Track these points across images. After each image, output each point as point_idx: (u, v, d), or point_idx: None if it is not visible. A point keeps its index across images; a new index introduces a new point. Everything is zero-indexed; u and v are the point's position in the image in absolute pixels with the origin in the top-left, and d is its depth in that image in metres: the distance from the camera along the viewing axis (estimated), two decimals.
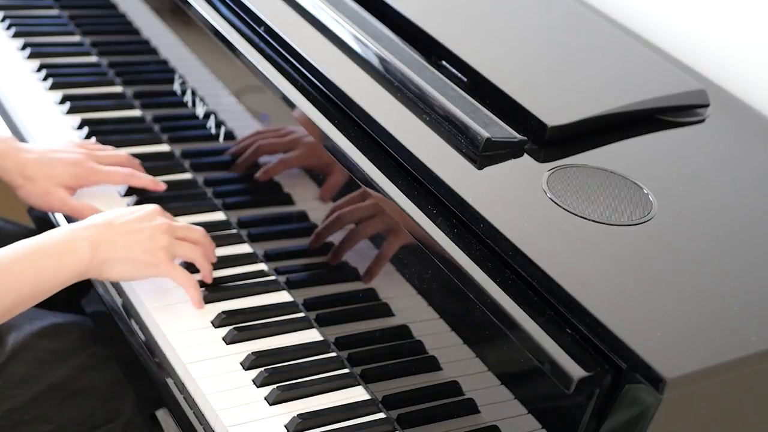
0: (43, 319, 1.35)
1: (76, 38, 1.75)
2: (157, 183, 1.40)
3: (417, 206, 1.06)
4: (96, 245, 1.16)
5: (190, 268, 1.26)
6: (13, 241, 1.52)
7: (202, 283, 1.27)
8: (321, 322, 1.25)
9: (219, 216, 1.40)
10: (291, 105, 1.22)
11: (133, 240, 1.18)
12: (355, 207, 1.17)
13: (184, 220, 1.37)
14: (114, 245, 1.17)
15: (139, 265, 1.19)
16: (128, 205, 1.38)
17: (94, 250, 1.15)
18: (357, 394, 1.17)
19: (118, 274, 1.19)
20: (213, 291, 1.26)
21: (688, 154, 1.21)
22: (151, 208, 1.24)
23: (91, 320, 1.40)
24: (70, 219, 1.38)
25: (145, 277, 1.22)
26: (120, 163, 1.42)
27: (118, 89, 1.64)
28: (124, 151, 1.45)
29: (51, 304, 1.45)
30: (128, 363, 1.32)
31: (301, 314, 1.26)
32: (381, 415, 1.15)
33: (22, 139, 1.54)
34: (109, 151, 1.44)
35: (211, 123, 1.43)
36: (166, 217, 1.25)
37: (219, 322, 1.23)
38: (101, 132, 1.52)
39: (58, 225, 1.40)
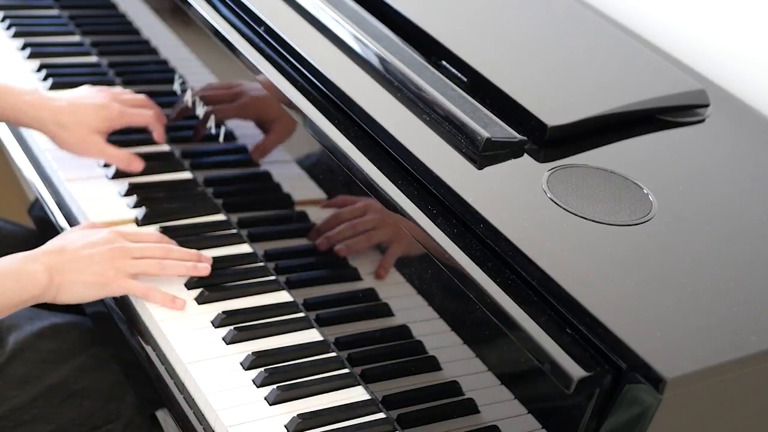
0: (43, 320, 1.35)
1: (76, 38, 1.75)
2: (163, 136, 1.48)
3: (417, 206, 1.06)
4: (51, 270, 1.19)
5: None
6: (14, 242, 1.54)
7: (203, 283, 1.27)
8: (321, 322, 1.25)
9: (219, 216, 1.40)
10: (291, 105, 1.22)
11: (85, 264, 1.21)
12: (360, 216, 1.18)
13: (184, 221, 1.37)
14: (67, 270, 1.20)
15: (91, 286, 1.21)
16: (128, 206, 1.38)
17: (50, 275, 1.18)
18: (357, 394, 1.17)
19: (71, 296, 1.21)
20: (213, 291, 1.26)
21: (688, 154, 1.21)
22: (106, 232, 1.26)
23: (91, 321, 1.40)
24: (69, 220, 1.39)
25: (99, 297, 1.23)
26: (142, 105, 1.47)
27: (118, 89, 1.63)
28: (126, 151, 1.46)
29: (51, 304, 1.45)
30: (128, 363, 1.33)
31: (301, 314, 1.26)
32: (381, 415, 1.15)
33: (22, 140, 1.54)
34: (129, 93, 1.49)
35: (211, 123, 1.43)
36: (125, 238, 1.26)
37: (219, 322, 1.23)
38: None
39: (59, 225, 1.40)
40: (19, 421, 1.28)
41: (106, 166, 1.46)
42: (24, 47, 1.70)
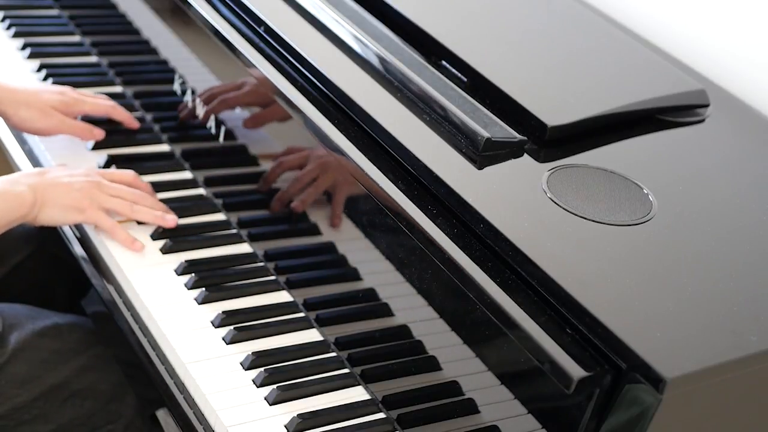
0: (44, 319, 1.35)
1: (76, 38, 1.75)
2: (133, 120, 1.51)
3: (417, 206, 1.06)
4: (34, 190, 1.26)
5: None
6: (14, 242, 1.54)
7: (203, 283, 1.27)
8: (321, 322, 1.25)
9: (219, 216, 1.40)
10: (291, 105, 1.22)
11: (64, 189, 1.28)
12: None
13: (184, 220, 1.37)
14: (48, 191, 1.27)
15: (68, 210, 1.29)
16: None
17: (34, 194, 1.25)
18: (357, 394, 1.17)
19: (49, 217, 1.28)
20: (213, 291, 1.27)
21: (688, 154, 1.21)
22: (85, 168, 1.35)
23: (92, 321, 1.40)
24: (77, 226, 1.39)
25: (72, 222, 1.32)
26: (100, 100, 1.50)
27: (118, 89, 1.64)
28: (85, 123, 1.47)
29: (52, 303, 1.46)
30: (128, 363, 1.33)
31: (301, 314, 1.26)
32: (381, 415, 1.15)
33: (22, 140, 1.54)
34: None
35: (211, 123, 1.43)
36: (105, 176, 1.34)
37: (219, 322, 1.23)
38: None
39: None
40: (19, 420, 1.28)
41: (106, 165, 1.45)
42: (24, 47, 1.70)
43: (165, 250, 1.32)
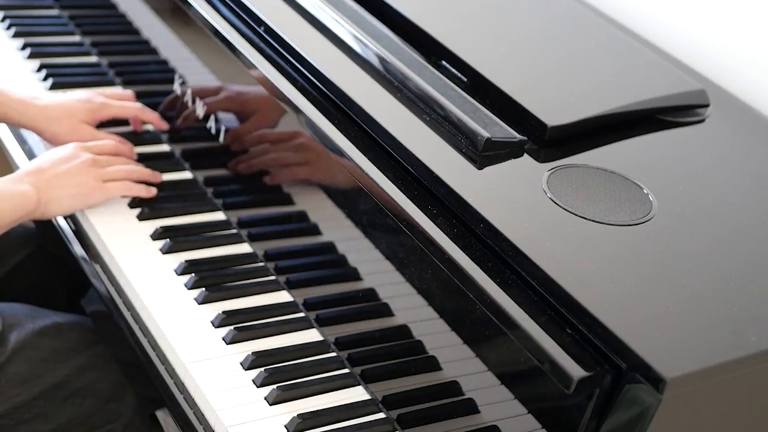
0: (44, 318, 1.35)
1: (76, 38, 1.75)
2: (161, 120, 1.51)
3: (417, 206, 1.06)
4: (38, 188, 1.29)
5: None
6: (14, 242, 1.54)
7: (203, 283, 1.27)
8: (321, 322, 1.25)
9: (219, 216, 1.40)
10: (291, 105, 1.22)
11: (65, 179, 1.32)
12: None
13: (184, 220, 1.37)
14: (51, 186, 1.30)
15: (76, 198, 1.33)
16: (128, 205, 1.38)
17: (38, 192, 1.29)
18: (357, 394, 1.17)
19: (59, 209, 1.32)
20: (213, 291, 1.27)
21: (688, 154, 1.21)
22: (71, 147, 1.36)
23: (92, 320, 1.40)
24: (70, 220, 1.39)
25: (83, 207, 1.35)
26: (124, 98, 1.51)
27: (118, 89, 1.63)
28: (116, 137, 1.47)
29: (52, 303, 1.46)
30: (128, 363, 1.33)
31: (301, 314, 1.26)
32: (381, 415, 1.15)
33: (22, 139, 1.54)
34: (111, 90, 1.54)
35: (211, 123, 1.43)
36: (87, 150, 1.37)
37: (219, 322, 1.23)
38: None
39: (59, 224, 1.40)
40: (20, 419, 1.28)
41: None
42: (24, 47, 1.70)
43: (165, 250, 1.32)
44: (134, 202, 1.39)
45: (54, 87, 1.60)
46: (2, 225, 1.26)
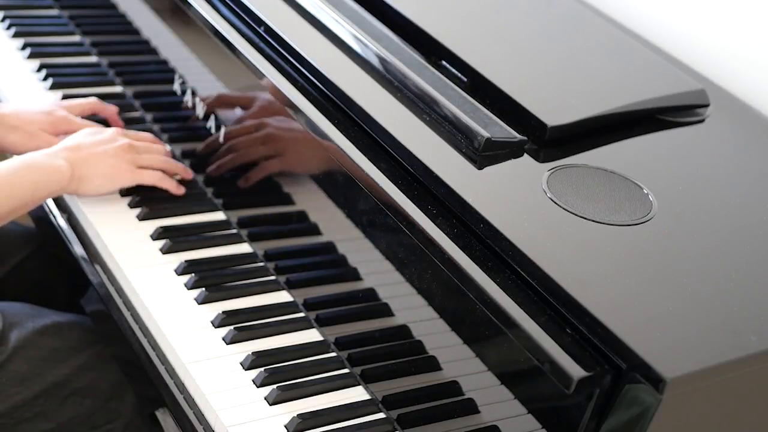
0: (45, 317, 1.36)
1: (76, 38, 1.75)
2: (118, 120, 1.53)
3: (417, 206, 1.06)
4: (72, 164, 1.32)
5: None
6: (14, 242, 1.54)
7: (203, 283, 1.27)
8: (321, 322, 1.25)
9: (219, 216, 1.40)
10: (291, 105, 1.22)
11: (100, 159, 1.34)
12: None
13: (184, 220, 1.37)
14: (86, 164, 1.33)
15: (109, 178, 1.35)
16: (128, 205, 1.38)
17: (72, 167, 1.31)
18: (357, 394, 1.17)
19: (91, 188, 1.34)
20: (213, 291, 1.27)
21: (688, 154, 1.21)
22: (112, 130, 1.39)
23: (91, 320, 1.40)
24: (70, 220, 1.39)
25: (116, 188, 1.38)
26: (90, 110, 1.51)
27: (118, 89, 1.64)
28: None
29: (52, 304, 1.46)
30: (128, 362, 1.33)
31: (301, 314, 1.26)
32: (381, 415, 1.15)
33: None
34: (78, 102, 1.52)
35: (211, 123, 1.43)
36: (127, 136, 1.39)
37: (219, 322, 1.23)
38: None
39: (59, 225, 1.40)
40: (20, 418, 1.28)
41: None
42: (24, 47, 1.70)
43: (165, 250, 1.32)
44: (134, 202, 1.39)
45: (54, 87, 1.60)
46: (37, 198, 1.29)
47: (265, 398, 1.14)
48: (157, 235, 1.34)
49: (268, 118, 1.31)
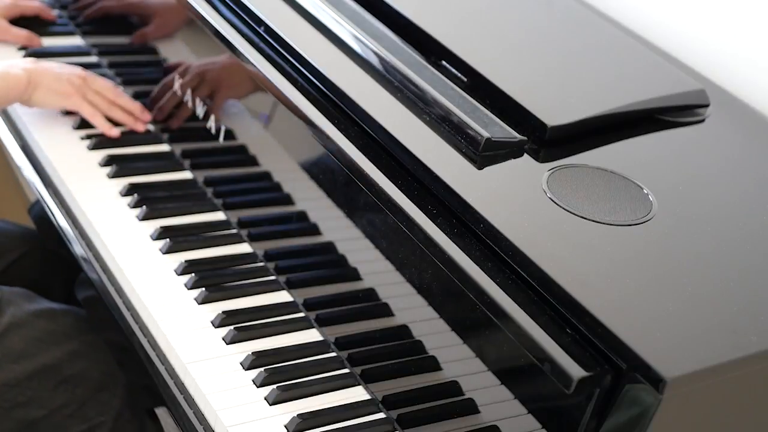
0: (39, 303, 1.39)
1: (77, 38, 1.75)
2: (49, 13, 1.72)
3: (417, 206, 1.06)
4: (29, 75, 1.43)
5: None
6: (14, 242, 1.54)
7: (203, 283, 1.27)
8: (321, 322, 1.25)
9: (219, 216, 1.40)
10: (291, 105, 1.22)
11: (54, 77, 1.46)
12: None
13: (184, 220, 1.37)
14: (41, 75, 1.45)
15: (56, 95, 1.46)
16: (128, 205, 1.38)
17: (29, 76, 1.43)
18: (357, 394, 1.17)
19: (40, 100, 1.45)
20: (213, 291, 1.27)
21: (688, 154, 1.21)
22: (79, 69, 1.50)
23: (84, 306, 1.41)
24: (70, 219, 1.39)
25: (58, 106, 1.49)
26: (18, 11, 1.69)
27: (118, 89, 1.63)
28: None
29: (49, 294, 1.47)
30: (120, 348, 1.33)
31: (301, 314, 1.26)
32: (381, 415, 1.15)
33: (21, 139, 1.54)
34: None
35: (211, 123, 1.43)
36: (88, 78, 1.49)
37: (219, 322, 1.23)
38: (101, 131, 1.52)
39: (59, 225, 1.40)
40: (14, 402, 1.29)
41: (106, 165, 1.45)
42: (23, 47, 1.69)
43: (165, 250, 1.32)
44: (134, 202, 1.39)
45: None
46: None
47: (265, 398, 1.14)
48: (157, 235, 1.34)
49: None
